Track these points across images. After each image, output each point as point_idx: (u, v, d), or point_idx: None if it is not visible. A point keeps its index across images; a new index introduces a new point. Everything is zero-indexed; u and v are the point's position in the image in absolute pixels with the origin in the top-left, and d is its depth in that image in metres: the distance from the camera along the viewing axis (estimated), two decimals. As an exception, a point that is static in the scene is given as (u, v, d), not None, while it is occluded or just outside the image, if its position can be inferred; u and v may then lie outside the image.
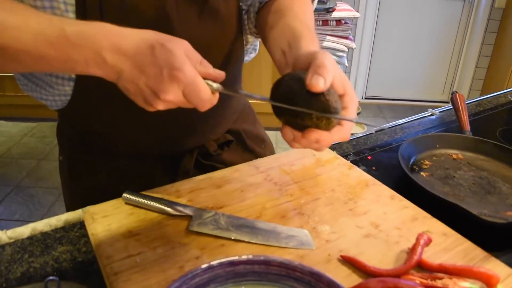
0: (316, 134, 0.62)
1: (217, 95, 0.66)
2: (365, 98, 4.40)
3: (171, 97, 0.61)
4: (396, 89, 4.40)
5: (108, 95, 0.76)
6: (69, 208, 0.99)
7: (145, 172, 0.97)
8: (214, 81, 0.65)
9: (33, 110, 3.69)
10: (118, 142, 0.95)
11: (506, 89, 1.69)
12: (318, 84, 0.60)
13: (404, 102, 4.40)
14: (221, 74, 0.66)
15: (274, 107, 0.65)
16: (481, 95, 1.67)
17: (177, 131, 0.94)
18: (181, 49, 0.61)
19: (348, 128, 0.66)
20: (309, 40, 0.74)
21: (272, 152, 1.17)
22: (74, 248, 0.79)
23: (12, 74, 0.96)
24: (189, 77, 0.60)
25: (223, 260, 0.61)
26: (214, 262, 0.60)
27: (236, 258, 0.61)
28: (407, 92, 4.42)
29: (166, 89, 0.60)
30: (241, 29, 0.95)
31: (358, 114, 3.74)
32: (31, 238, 0.81)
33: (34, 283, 0.72)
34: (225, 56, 0.91)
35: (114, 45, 0.60)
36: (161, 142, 0.95)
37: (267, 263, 0.62)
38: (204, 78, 0.63)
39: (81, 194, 1.00)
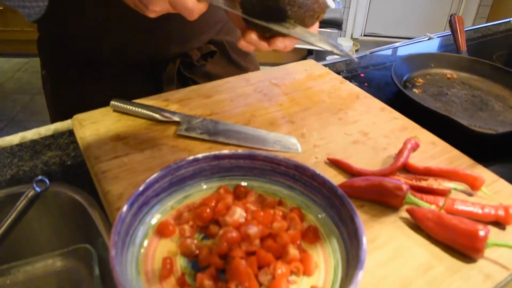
0: (282, 43, 0.62)
1: (205, 4, 0.64)
2: (364, 35, 4.31)
3: (158, 8, 0.62)
4: (396, 26, 4.31)
5: None
6: (52, 117, 1.01)
7: (129, 81, 0.96)
8: None
9: (24, 45, 3.62)
10: (102, 49, 0.93)
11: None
12: None
13: (404, 40, 4.32)
14: None
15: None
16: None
17: (160, 36, 0.92)
18: None
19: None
20: None
21: (256, 66, 1.15)
22: (63, 153, 0.79)
23: (1, 8, 0.94)
24: None
25: (208, 153, 0.61)
26: (199, 155, 0.60)
27: (221, 152, 0.61)
28: (408, 29, 4.31)
29: (153, 1, 0.60)
30: None
31: (356, 51, 3.68)
32: (20, 145, 0.81)
33: (23, 184, 0.73)
34: None
35: None
36: (144, 48, 0.94)
37: (252, 157, 0.62)
38: None
39: (65, 106, 1.00)
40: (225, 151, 0.62)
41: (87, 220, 0.70)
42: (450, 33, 1.34)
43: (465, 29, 1.47)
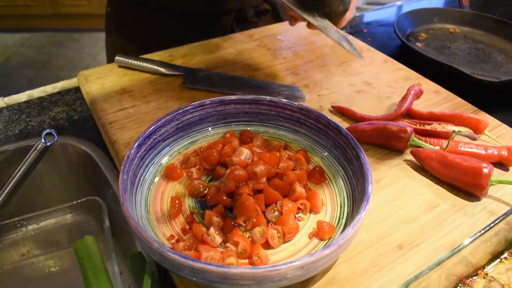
0: None
1: None
2: (367, 4, 4.25)
3: None
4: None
5: None
6: (110, 57, 1.05)
7: (185, 27, 0.99)
8: None
9: (27, 20, 3.60)
10: None
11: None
12: None
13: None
14: None
15: None
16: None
17: None
18: None
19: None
20: None
21: None
22: (70, 109, 0.80)
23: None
24: None
25: (214, 99, 0.62)
26: (206, 100, 0.61)
27: (227, 97, 0.62)
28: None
29: None
30: None
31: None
32: (27, 102, 0.82)
33: (32, 138, 0.74)
34: None
35: None
36: (200, 2, 0.96)
37: (257, 102, 0.63)
38: None
39: (124, 44, 1.03)
40: (231, 96, 0.62)
41: (96, 172, 0.71)
42: (453, -9, 1.33)
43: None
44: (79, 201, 0.77)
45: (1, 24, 3.62)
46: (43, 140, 0.68)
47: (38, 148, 0.68)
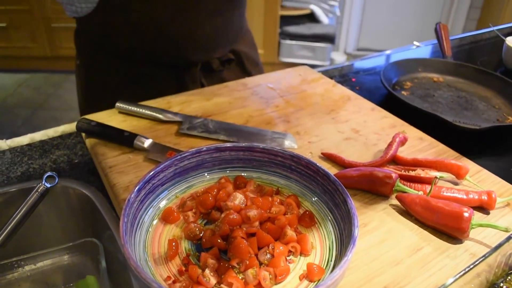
0: None
1: None
2: (358, 50, 4.39)
3: None
4: (389, 40, 4.39)
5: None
6: (83, 110, 1.11)
7: (154, 78, 1.05)
8: None
9: (25, 61, 3.68)
10: (135, 49, 1.02)
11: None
12: None
13: (395, 54, 4.38)
14: None
15: None
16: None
17: (188, 45, 1.01)
18: None
19: None
20: None
21: None
22: (71, 152, 0.83)
23: (5, 25, 1.03)
24: None
25: (210, 145, 0.65)
26: (202, 147, 0.65)
27: (222, 144, 0.66)
28: (400, 42, 4.39)
29: None
30: None
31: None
32: (29, 145, 0.85)
33: (33, 180, 0.77)
34: None
35: None
36: (173, 52, 1.02)
37: (251, 149, 0.66)
38: None
39: (95, 96, 1.09)
40: (227, 143, 0.66)
41: (95, 214, 0.73)
42: (436, 41, 1.40)
43: (453, 38, 1.54)
44: (76, 242, 0.79)
45: (0, 64, 3.69)
46: (44, 182, 0.71)
47: (39, 190, 0.71)
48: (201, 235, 0.58)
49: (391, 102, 0.98)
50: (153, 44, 1.00)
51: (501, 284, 0.61)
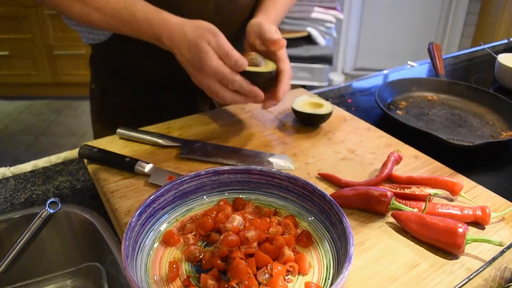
0: None
1: None
2: (355, 70, 4.44)
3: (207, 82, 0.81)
4: (386, 60, 4.44)
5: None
6: (96, 133, 1.15)
7: (167, 100, 1.10)
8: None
9: (27, 88, 3.74)
10: (148, 72, 1.06)
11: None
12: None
13: (393, 73, 4.43)
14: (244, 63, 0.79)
15: None
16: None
17: None
18: (209, 47, 0.77)
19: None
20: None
21: None
22: (73, 178, 0.85)
23: (7, 53, 1.06)
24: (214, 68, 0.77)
25: (208, 169, 0.67)
26: (201, 171, 0.67)
27: (220, 168, 0.68)
28: (397, 62, 4.44)
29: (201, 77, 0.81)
30: None
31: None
32: (33, 171, 0.87)
33: (36, 206, 0.79)
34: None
35: (169, 36, 0.81)
36: (186, 74, 1.05)
37: (248, 172, 0.68)
38: None
39: (109, 119, 1.12)
40: (224, 167, 0.68)
41: (97, 238, 0.75)
42: (429, 61, 1.43)
43: (447, 56, 1.57)
44: (79, 267, 0.81)
45: (2, 91, 3.75)
46: (47, 208, 0.72)
47: (42, 216, 0.72)
48: (201, 256, 0.60)
49: (386, 122, 1.00)
50: (167, 69, 1.03)
51: (497, 299, 0.62)
